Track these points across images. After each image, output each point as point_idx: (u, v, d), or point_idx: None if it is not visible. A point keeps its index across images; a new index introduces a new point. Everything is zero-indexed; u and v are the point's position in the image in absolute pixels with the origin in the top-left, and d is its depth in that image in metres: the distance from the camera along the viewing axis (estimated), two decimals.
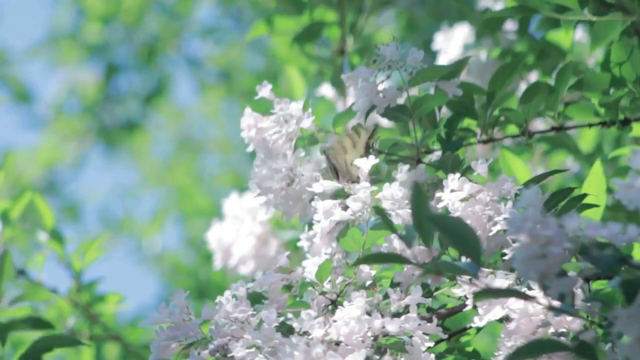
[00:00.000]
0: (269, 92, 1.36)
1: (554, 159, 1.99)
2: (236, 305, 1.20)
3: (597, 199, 1.32)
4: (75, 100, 4.51)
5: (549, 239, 0.99)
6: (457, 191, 1.24)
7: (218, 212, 2.04)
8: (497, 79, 1.38)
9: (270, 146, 1.35)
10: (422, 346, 1.15)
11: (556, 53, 1.80)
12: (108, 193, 4.84)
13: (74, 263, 1.97)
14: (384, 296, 1.20)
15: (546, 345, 1.04)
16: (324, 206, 1.25)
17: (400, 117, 1.34)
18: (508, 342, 1.11)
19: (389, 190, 1.25)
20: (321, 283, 1.23)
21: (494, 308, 1.13)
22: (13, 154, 4.30)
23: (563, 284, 1.01)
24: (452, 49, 1.91)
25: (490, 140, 1.43)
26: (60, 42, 4.30)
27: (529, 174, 1.44)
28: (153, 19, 4.28)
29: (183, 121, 4.84)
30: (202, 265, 3.33)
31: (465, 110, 1.40)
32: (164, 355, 1.19)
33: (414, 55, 1.33)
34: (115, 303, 2.03)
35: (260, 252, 1.97)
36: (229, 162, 4.66)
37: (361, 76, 1.34)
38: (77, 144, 4.59)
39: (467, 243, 1.01)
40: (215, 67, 4.37)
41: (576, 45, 1.86)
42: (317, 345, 1.10)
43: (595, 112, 1.46)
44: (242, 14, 4.19)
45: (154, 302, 3.51)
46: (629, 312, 1.00)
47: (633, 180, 1.02)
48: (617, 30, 1.40)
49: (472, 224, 1.23)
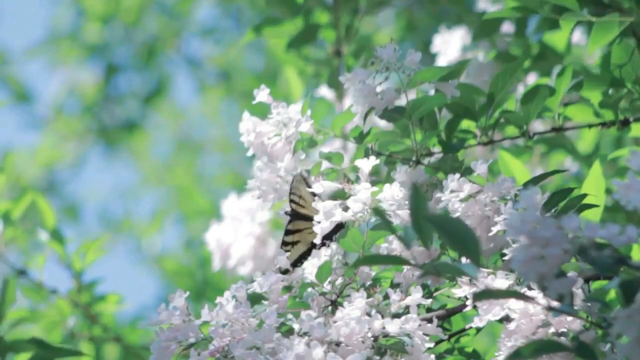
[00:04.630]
0: (267, 95, 1.36)
1: (552, 159, 1.99)
2: (236, 306, 1.20)
3: (596, 200, 1.32)
4: (75, 100, 4.51)
5: (548, 240, 1.00)
6: (457, 192, 1.25)
7: (218, 213, 2.04)
8: (497, 81, 1.39)
9: (269, 150, 1.35)
10: (423, 347, 1.15)
11: (553, 55, 1.81)
12: (108, 193, 4.84)
13: (74, 263, 1.97)
14: (384, 297, 1.20)
15: (546, 346, 1.04)
16: (325, 207, 1.26)
17: (399, 119, 1.34)
18: (508, 342, 1.12)
19: (389, 191, 1.26)
20: (321, 284, 1.24)
21: (494, 308, 1.13)
22: (13, 154, 4.29)
23: (562, 284, 1.01)
24: (451, 50, 1.91)
25: (490, 142, 1.43)
26: (60, 42, 4.30)
27: (528, 175, 1.44)
28: (153, 19, 4.27)
29: (183, 121, 4.84)
30: (200, 266, 3.33)
31: (465, 112, 1.41)
32: (164, 356, 1.19)
33: (411, 57, 1.33)
34: (115, 303, 2.03)
35: (259, 253, 1.97)
36: (228, 162, 4.65)
37: (359, 78, 1.34)
38: (76, 144, 4.59)
39: (465, 244, 1.02)
40: (215, 67, 4.37)
41: (574, 47, 1.86)
42: (317, 346, 1.10)
43: (595, 112, 1.47)
44: (242, 14, 4.19)
45: (154, 302, 3.51)
46: (628, 313, 1.00)
47: (632, 180, 1.02)
48: (615, 30, 1.40)
49: (472, 224, 1.23)
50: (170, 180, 4.62)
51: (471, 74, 1.82)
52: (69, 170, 4.67)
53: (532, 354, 1.02)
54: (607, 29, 1.39)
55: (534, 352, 1.02)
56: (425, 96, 1.35)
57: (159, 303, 1.23)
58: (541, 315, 1.11)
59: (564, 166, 1.97)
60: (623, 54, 1.41)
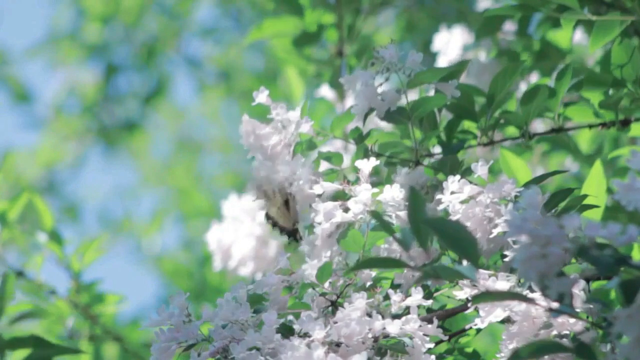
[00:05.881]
0: (266, 97, 1.36)
1: (553, 159, 1.99)
2: (236, 306, 1.20)
3: (597, 200, 1.32)
4: (74, 100, 4.51)
5: (549, 239, 0.99)
6: (457, 193, 1.24)
7: (218, 213, 2.04)
8: (498, 82, 1.38)
9: (269, 152, 1.35)
10: (423, 347, 1.15)
11: (555, 53, 1.81)
12: (107, 193, 4.84)
13: (73, 263, 1.97)
14: (384, 297, 1.20)
15: (545, 347, 1.04)
16: (325, 208, 1.25)
17: (400, 120, 1.34)
18: (510, 344, 1.12)
19: (389, 192, 1.25)
20: (321, 284, 1.23)
21: (495, 310, 1.13)
22: (13, 154, 4.29)
23: (562, 283, 1.01)
24: (452, 50, 1.91)
25: (490, 143, 1.43)
26: (59, 42, 4.29)
27: (529, 174, 1.44)
28: (152, 19, 4.27)
29: (182, 121, 4.84)
30: (200, 266, 3.33)
31: (466, 112, 1.40)
32: (164, 357, 1.19)
33: (412, 58, 1.33)
34: (114, 303, 2.02)
35: (259, 253, 1.97)
36: (228, 162, 4.65)
37: (360, 79, 1.34)
38: (76, 144, 4.59)
39: (464, 245, 1.02)
40: (215, 67, 4.37)
41: (575, 46, 1.86)
42: (317, 347, 1.10)
43: (595, 113, 1.46)
44: (242, 14, 4.19)
45: (154, 302, 3.51)
46: (629, 313, 1.00)
47: (632, 181, 1.02)
48: (616, 29, 1.40)
49: (473, 226, 1.23)
50: (170, 180, 4.62)
51: (472, 74, 1.82)
52: (69, 170, 4.67)
53: (530, 355, 1.02)
54: (608, 28, 1.39)
55: (533, 353, 1.02)
56: (425, 97, 1.35)
57: (158, 303, 1.23)
58: (543, 318, 1.11)
59: (565, 166, 1.96)
60: (624, 54, 1.40)
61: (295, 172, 1.32)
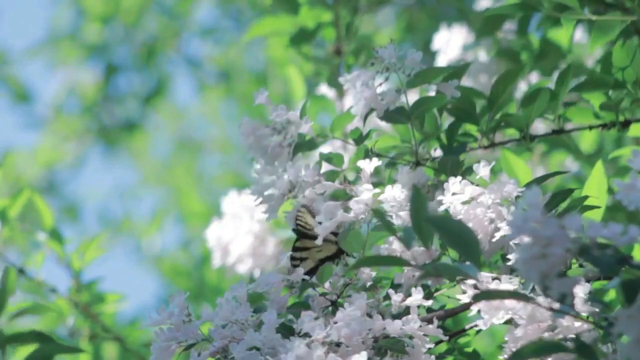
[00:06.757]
0: (266, 98, 1.36)
1: (553, 158, 1.99)
2: (236, 306, 1.19)
3: (598, 200, 1.32)
4: (74, 100, 4.51)
5: (550, 239, 0.99)
6: (459, 194, 1.24)
7: (217, 213, 2.04)
8: (499, 85, 1.38)
9: (269, 153, 1.35)
10: (423, 347, 1.15)
11: (556, 53, 1.80)
12: (107, 193, 4.84)
13: (73, 263, 1.97)
14: (384, 297, 1.20)
15: (545, 347, 1.04)
16: (326, 207, 1.25)
17: (399, 120, 1.34)
18: (514, 347, 1.11)
19: (390, 192, 1.25)
20: (322, 284, 1.23)
21: (497, 312, 1.13)
22: (13, 153, 4.29)
23: (564, 284, 1.01)
24: (452, 49, 1.91)
25: (491, 146, 1.43)
26: (59, 42, 4.30)
27: (530, 174, 1.44)
28: (152, 19, 4.27)
29: (182, 121, 4.84)
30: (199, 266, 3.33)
31: (466, 115, 1.40)
32: (164, 356, 1.19)
33: (412, 57, 1.33)
34: (114, 302, 2.02)
35: (258, 251, 1.97)
36: (228, 162, 4.65)
37: (359, 79, 1.34)
38: (76, 144, 4.59)
39: (466, 245, 1.01)
40: (215, 67, 4.37)
41: (575, 46, 1.86)
42: (317, 347, 1.10)
43: (595, 114, 1.46)
44: (242, 14, 4.19)
45: (154, 302, 3.51)
46: (629, 313, 0.99)
47: (634, 181, 1.02)
48: (616, 29, 1.40)
49: (474, 227, 1.23)
50: (170, 181, 4.62)
51: (472, 74, 1.82)
52: (69, 170, 4.67)
53: (531, 355, 1.02)
54: (608, 27, 1.39)
55: (534, 353, 1.02)
56: (425, 97, 1.34)
57: (158, 303, 1.23)
58: (548, 321, 1.10)
59: (565, 165, 1.96)
60: (624, 56, 1.40)
61: (299, 175, 1.32)
